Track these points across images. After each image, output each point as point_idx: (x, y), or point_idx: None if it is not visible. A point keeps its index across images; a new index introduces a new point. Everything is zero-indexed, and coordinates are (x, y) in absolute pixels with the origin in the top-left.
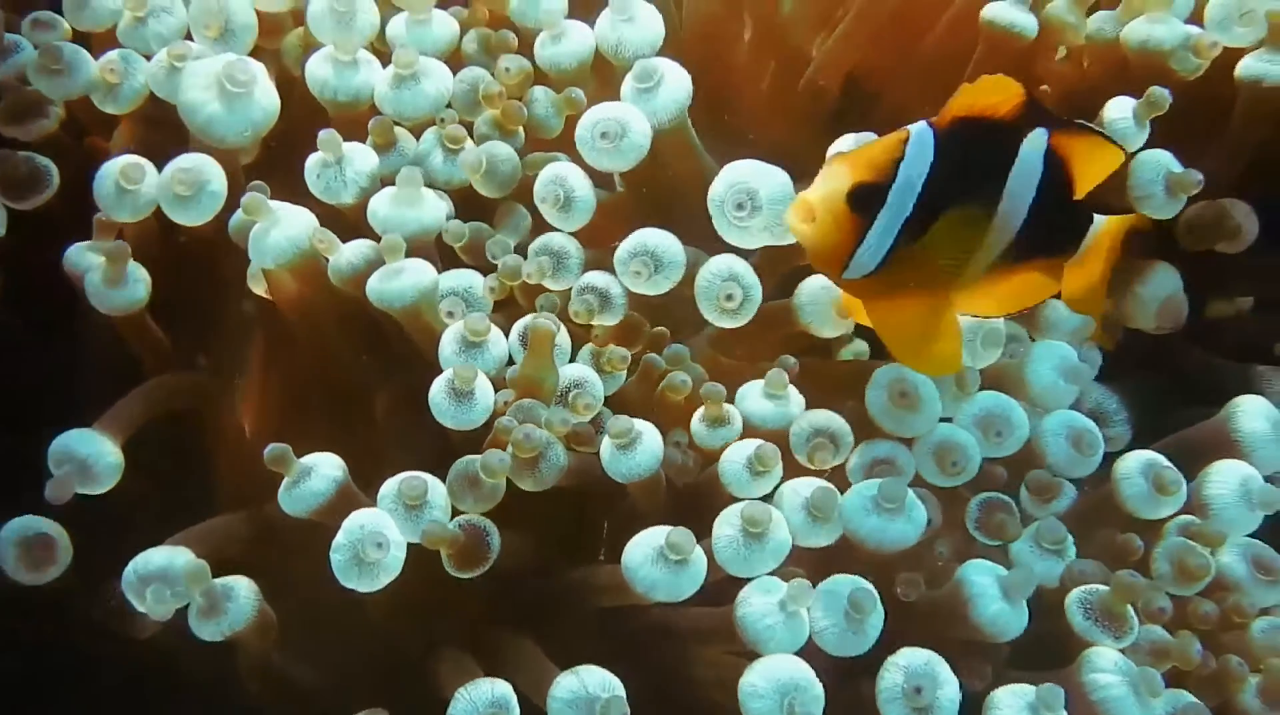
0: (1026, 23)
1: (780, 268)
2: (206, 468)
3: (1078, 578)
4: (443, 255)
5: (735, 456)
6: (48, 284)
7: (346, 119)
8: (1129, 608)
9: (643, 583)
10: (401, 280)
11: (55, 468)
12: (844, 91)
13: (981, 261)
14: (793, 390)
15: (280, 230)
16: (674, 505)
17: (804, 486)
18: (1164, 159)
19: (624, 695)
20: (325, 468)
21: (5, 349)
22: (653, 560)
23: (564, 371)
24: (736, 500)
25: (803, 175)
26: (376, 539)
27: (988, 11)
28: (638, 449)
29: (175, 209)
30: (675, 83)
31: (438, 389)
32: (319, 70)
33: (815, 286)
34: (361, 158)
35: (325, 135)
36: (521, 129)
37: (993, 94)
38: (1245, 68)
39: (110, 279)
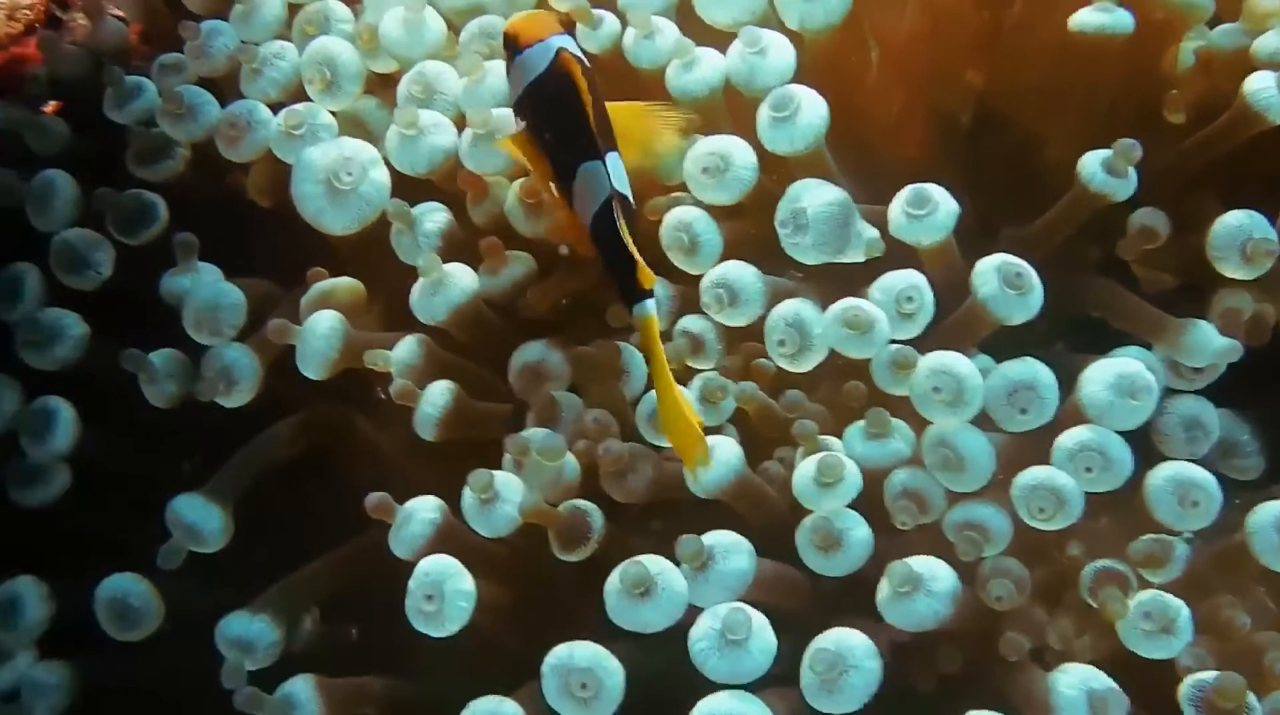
0: (1114, 21)
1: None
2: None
3: (1190, 663)
4: None
5: (805, 470)
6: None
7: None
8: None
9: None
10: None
11: (172, 527)
12: (975, 113)
13: None
14: (901, 426)
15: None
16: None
17: None
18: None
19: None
20: (423, 512)
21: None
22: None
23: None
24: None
25: None
26: (428, 590)
27: (1074, 22)
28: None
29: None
30: (811, 110)
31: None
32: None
33: None
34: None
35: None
36: None
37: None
38: None
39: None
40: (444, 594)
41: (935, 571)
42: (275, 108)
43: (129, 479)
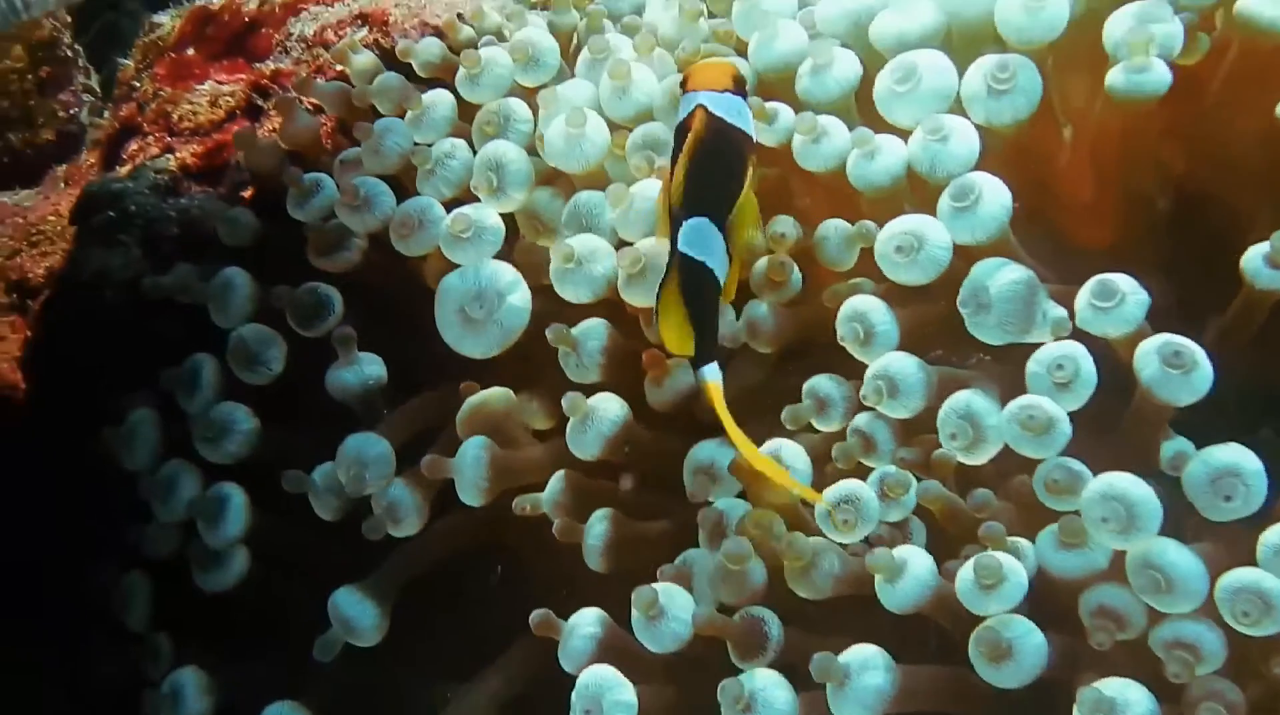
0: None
1: None
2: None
3: None
4: None
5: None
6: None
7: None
8: None
9: None
10: None
11: (332, 619)
12: (1174, 196)
13: None
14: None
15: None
16: None
17: None
18: None
19: None
20: (585, 626)
21: None
22: None
23: (843, 487)
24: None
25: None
26: (587, 704)
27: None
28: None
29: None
30: (993, 199)
31: None
32: None
33: None
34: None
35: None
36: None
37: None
38: None
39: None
40: (603, 707)
41: (1130, 697)
42: (453, 204)
43: (301, 566)
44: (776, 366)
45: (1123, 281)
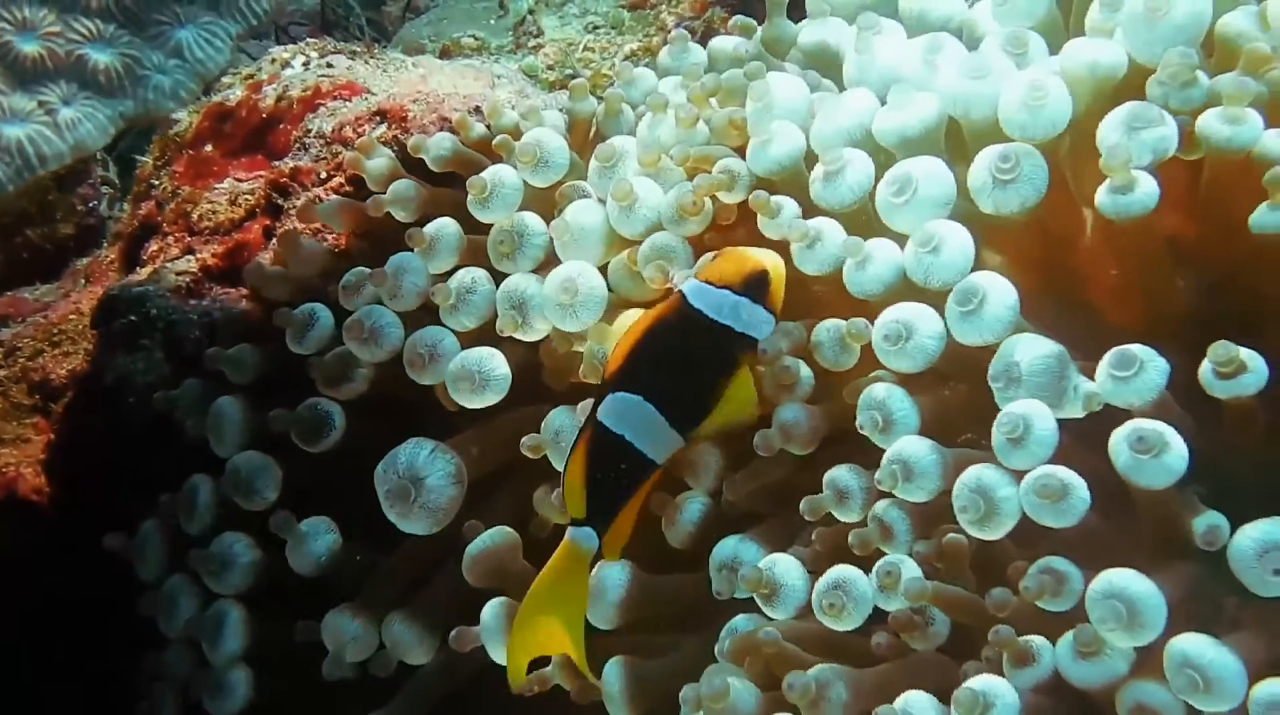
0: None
1: None
2: None
3: None
4: None
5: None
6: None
7: None
8: None
9: None
10: None
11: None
12: (1195, 277)
13: None
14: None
15: None
16: None
17: None
18: None
19: None
20: None
21: None
22: None
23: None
24: None
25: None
26: None
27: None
28: None
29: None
30: (998, 300)
31: None
32: None
33: None
34: None
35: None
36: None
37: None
38: None
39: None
40: None
41: None
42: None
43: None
44: (805, 462)
45: (1140, 351)
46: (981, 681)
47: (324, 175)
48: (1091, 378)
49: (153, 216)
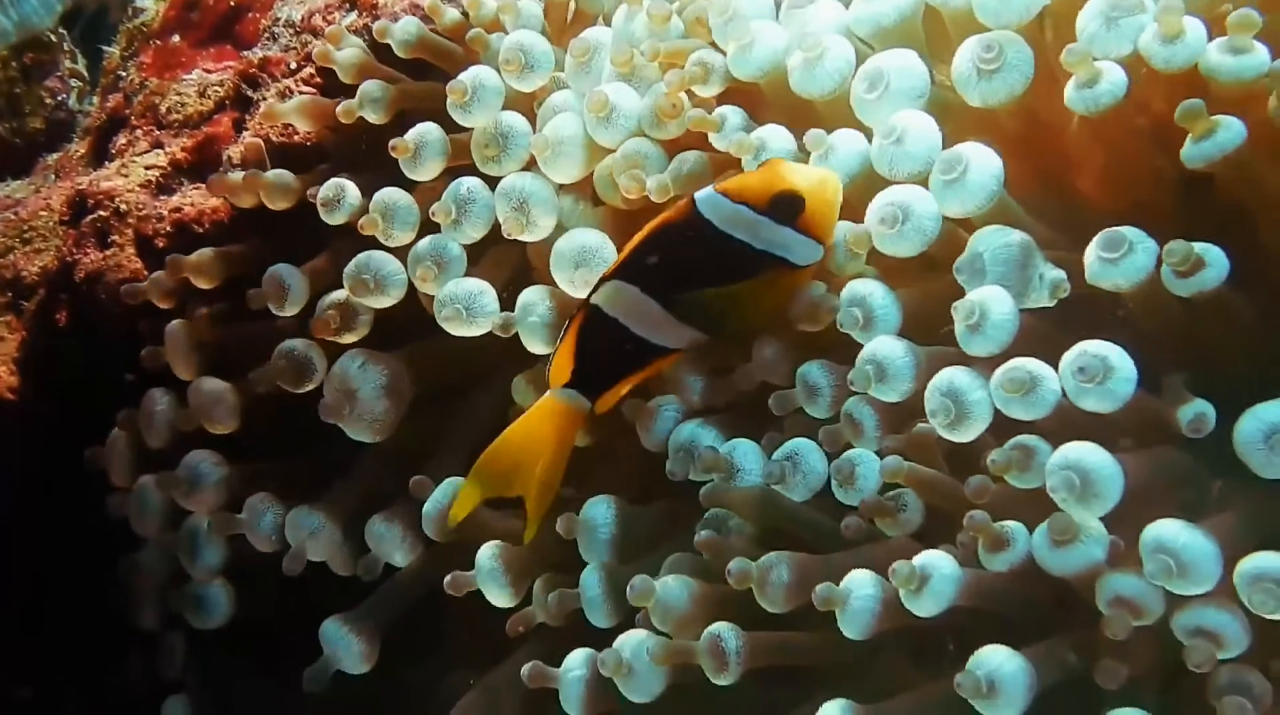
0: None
1: None
2: None
3: None
4: None
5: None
6: None
7: None
8: None
9: None
10: None
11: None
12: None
13: None
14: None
15: None
16: None
17: None
18: None
19: None
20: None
21: None
22: None
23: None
24: None
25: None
26: None
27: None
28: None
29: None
30: (981, 168)
31: None
32: None
33: None
34: None
35: None
36: None
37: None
38: None
39: None
40: None
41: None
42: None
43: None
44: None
45: (1130, 232)
46: (922, 556)
47: (294, 65)
48: (1081, 263)
49: (120, 109)
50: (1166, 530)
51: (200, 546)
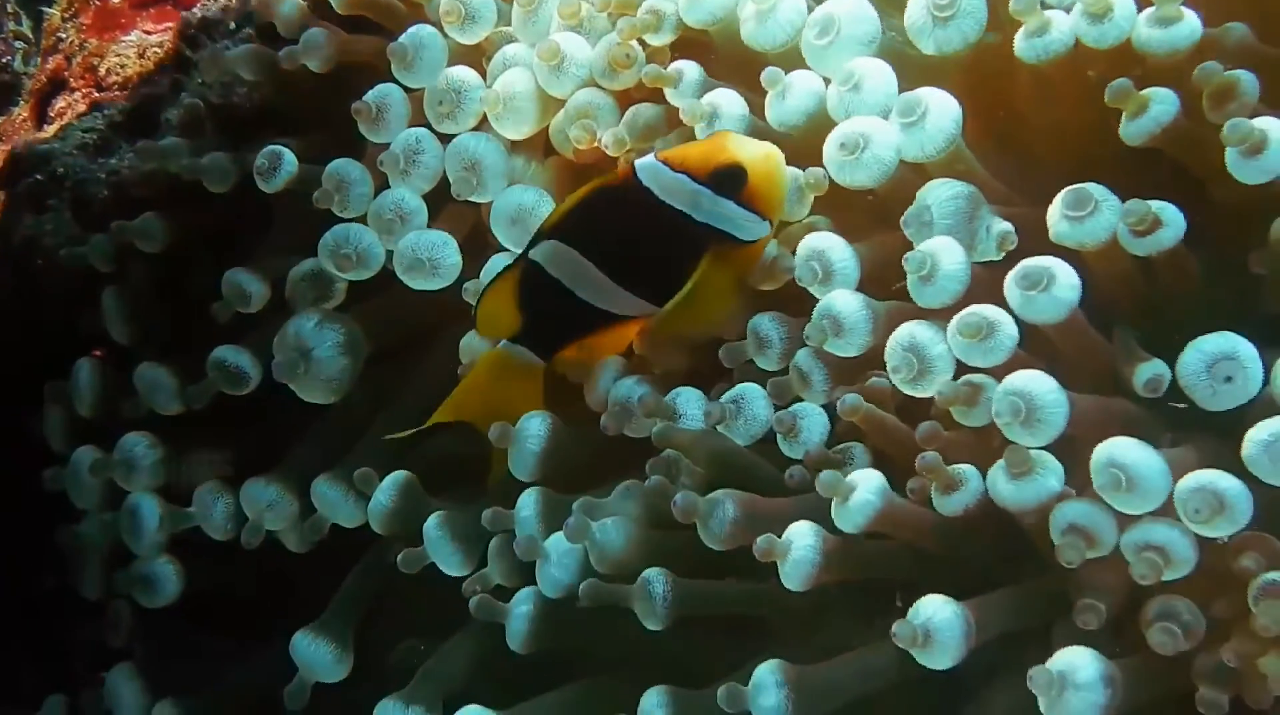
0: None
1: None
2: None
3: None
4: None
5: None
6: None
7: None
8: None
9: None
10: None
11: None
12: None
13: None
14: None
15: None
16: None
17: None
18: None
19: None
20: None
21: None
22: None
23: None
24: None
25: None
26: None
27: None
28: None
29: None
30: (940, 112)
31: None
32: None
33: None
34: None
35: None
36: None
37: None
38: None
39: None
40: None
41: (1076, 663)
42: None
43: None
44: None
45: (1096, 190)
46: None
47: (233, 26)
48: (1042, 227)
49: (60, 71)
50: (1118, 446)
51: (143, 524)
